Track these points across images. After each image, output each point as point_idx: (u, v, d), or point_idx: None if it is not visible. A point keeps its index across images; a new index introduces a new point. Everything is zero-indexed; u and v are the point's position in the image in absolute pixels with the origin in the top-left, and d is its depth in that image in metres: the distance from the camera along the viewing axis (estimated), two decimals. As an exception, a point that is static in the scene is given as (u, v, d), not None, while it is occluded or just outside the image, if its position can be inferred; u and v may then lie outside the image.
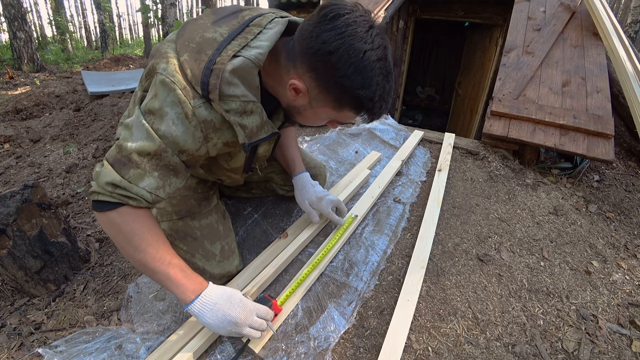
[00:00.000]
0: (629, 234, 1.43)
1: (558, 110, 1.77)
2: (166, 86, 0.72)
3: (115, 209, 0.75)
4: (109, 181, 0.72)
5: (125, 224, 0.76)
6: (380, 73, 0.74)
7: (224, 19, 0.80)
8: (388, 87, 0.78)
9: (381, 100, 0.77)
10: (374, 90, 0.75)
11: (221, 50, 0.74)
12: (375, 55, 0.72)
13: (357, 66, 0.71)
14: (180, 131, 0.74)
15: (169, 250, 0.81)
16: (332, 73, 0.73)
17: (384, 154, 1.82)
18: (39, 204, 1.16)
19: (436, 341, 0.95)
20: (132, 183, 0.73)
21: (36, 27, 16.71)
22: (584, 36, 2.20)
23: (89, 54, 10.70)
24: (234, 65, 0.73)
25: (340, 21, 0.70)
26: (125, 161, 0.73)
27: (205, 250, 1.05)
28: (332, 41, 0.70)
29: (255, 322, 0.84)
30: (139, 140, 0.73)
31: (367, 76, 0.72)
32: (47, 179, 1.99)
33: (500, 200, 1.53)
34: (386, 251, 1.22)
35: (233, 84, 0.74)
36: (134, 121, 0.75)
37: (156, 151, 0.73)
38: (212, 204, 1.14)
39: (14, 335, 1.02)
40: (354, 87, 0.73)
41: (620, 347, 0.96)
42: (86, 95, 3.74)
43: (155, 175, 0.76)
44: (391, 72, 0.78)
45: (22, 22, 6.41)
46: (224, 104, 0.74)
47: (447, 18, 3.89)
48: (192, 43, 0.75)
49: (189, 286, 0.80)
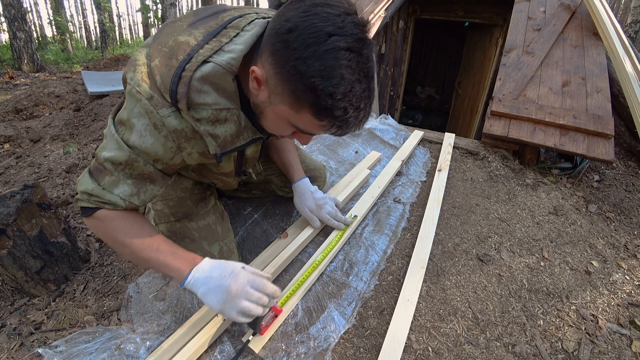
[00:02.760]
0: (629, 234, 1.43)
1: (558, 110, 1.77)
2: (133, 97, 0.70)
3: (95, 212, 0.78)
4: (82, 190, 0.76)
5: (106, 224, 0.79)
6: (349, 66, 0.61)
7: (203, 21, 0.76)
8: (359, 89, 0.63)
9: (346, 102, 0.62)
10: (336, 83, 0.60)
11: (192, 56, 0.69)
12: (345, 42, 0.60)
13: (316, 49, 0.59)
14: (150, 142, 0.73)
15: (154, 238, 0.81)
16: (288, 55, 0.61)
17: (384, 154, 1.82)
18: (39, 204, 1.16)
19: (436, 341, 0.95)
20: (106, 189, 0.76)
21: (36, 27, 16.70)
22: (584, 36, 2.20)
23: (89, 54, 10.69)
24: (203, 73, 0.69)
25: (308, 1, 0.63)
26: (101, 168, 0.76)
27: (203, 251, 1.05)
28: (295, 19, 0.61)
29: (252, 294, 0.78)
30: (112, 151, 0.74)
31: (328, 64, 0.59)
32: (47, 179, 1.99)
33: (500, 200, 1.53)
34: (386, 251, 1.22)
35: (203, 92, 0.71)
36: (108, 131, 0.76)
37: (127, 161, 0.74)
38: (209, 204, 1.13)
39: (14, 335, 1.02)
40: (309, 73, 0.60)
41: (620, 347, 0.96)
42: (86, 95, 3.74)
43: (129, 183, 0.77)
44: (368, 73, 0.64)
45: (22, 22, 6.41)
46: (195, 113, 0.71)
47: (447, 18, 3.89)
48: (165, 47, 0.71)
49: (181, 265, 0.80)
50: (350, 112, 0.64)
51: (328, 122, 0.66)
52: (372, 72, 0.66)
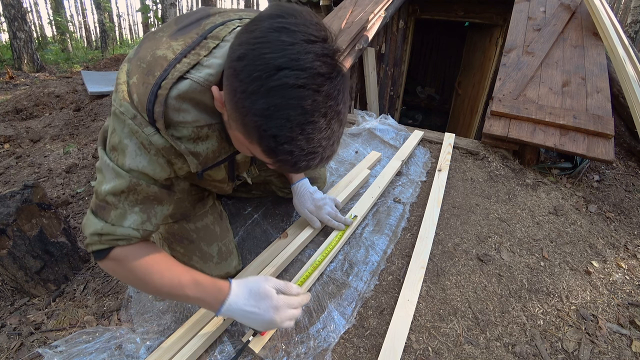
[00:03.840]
0: (629, 234, 1.43)
1: (558, 110, 1.77)
2: (118, 118, 0.68)
3: (109, 254, 0.74)
4: (92, 231, 0.72)
5: (124, 265, 0.74)
6: (299, 106, 0.52)
7: (183, 30, 0.71)
8: (311, 131, 0.54)
9: (293, 145, 0.55)
10: (280, 125, 0.53)
11: (169, 71, 0.65)
12: (296, 79, 0.51)
13: (261, 84, 0.52)
14: (146, 162, 0.70)
15: (175, 270, 0.77)
16: (236, 85, 0.56)
17: (384, 154, 1.82)
18: (39, 204, 1.16)
19: (436, 341, 0.95)
20: (116, 225, 0.71)
21: (36, 27, 16.70)
22: (584, 36, 2.20)
23: (89, 54, 10.70)
24: (179, 91, 0.66)
25: (266, 24, 0.55)
26: (103, 205, 0.72)
27: (202, 252, 1.04)
28: (245, 45, 0.55)
29: (292, 314, 0.81)
30: (110, 181, 0.70)
31: (273, 103, 0.52)
32: (47, 179, 1.99)
33: (500, 200, 1.53)
34: (386, 251, 1.22)
35: (183, 110, 0.68)
36: (102, 163, 0.73)
37: (129, 187, 0.71)
38: (207, 205, 1.11)
39: (14, 335, 1.02)
40: (252, 111, 0.54)
41: (620, 347, 0.96)
42: (86, 95, 3.74)
43: (136, 211, 0.73)
44: (327, 113, 0.55)
45: (22, 22, 6.42)
46: (175, 131, 0.69)
47: (447, 18, 3.89)
48: (143, 63, 0.67)
49: (209, 299, 0.78)
50: (298, 156, 0.57)
51: (276, 163, 0.60)
52: (333, 112, 0.56)
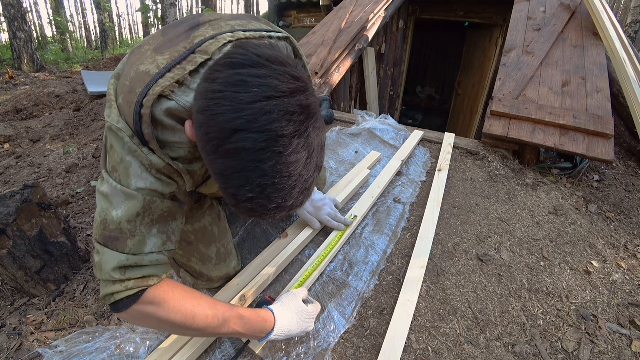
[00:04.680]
0: (629, 234, 1.43)
1: (558, 110, 1.77)
2: (115, 135, 0.63)
3: (140, 299, 0.64)
4: (114, 266, 0.62)
5: (157, 312, 0.65)
6: (257, 168, 0.49)
7: (171, 43, 0.67)
8: (272, 191, 0.52)
9: (254, 203, 0.53)
10: (239, 186, 0.51)
11: (150, 87, 0.60)
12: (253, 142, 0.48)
13: (218, 146, 0.49)
14: (153, 179, 0.65)
15: (215, 309, 0.72)
16: (198, 136, 0.53)
17: (384, 154, 1.82)
18: (39, 204, 1.16)
19: (436, 341, 0.95)
20: (138, 254, 0.64)
21: (36, 27, 16.70)
22: (584, 36, 2.20)
23: (89, 54, 10.70)
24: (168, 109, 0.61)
25: (225, 75, 0.50)
26: (117, 235, 0.63)
27: (200, 254, 1.03)
28: (204, 98, 0.51)
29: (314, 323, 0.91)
30: (121, 206, 0.63)
31: (230, 165, 0.50)
32: (47, 179, 1.99)
33: (500, 200, 1.53)
34: (386, 251, 1.22)
35: (178, 130, 0.64)
36: (108, 188, 0.65)
37: (144, 207, 0.64)
38: (205, 206, 1.10)
39: (14, 335, 1.02)
40: (212, 169, 0.53)
41: (620, 347, 0.96)
42: (86, 95, 3.74)
43: (154, 233, 0.67)
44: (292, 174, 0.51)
45: (22, 22, 6.41)
46: (170, 152, 0.65)
47: (447, 18, 3.89)
48: (127, 80, 0.63)
49: (256, 332, 0.78)
50: (263, 212, 0.54)
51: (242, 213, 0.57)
52: (301, 167, 0.52)
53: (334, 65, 2.58)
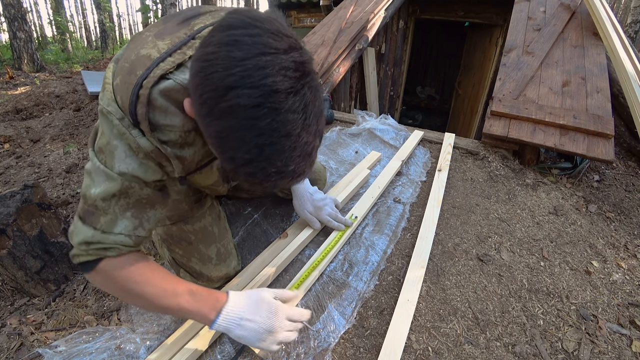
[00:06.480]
0: (629, 234, 1.43)
1: (558, 110, 1.77)
2: (105, 118, 0.65)
3: (97, 266, 0.68)
4: (80, 240, 0.67)
5: (115, 276, 0.69)
6: (253, 127, 0.49)
7: (171, 29, 0.68)
8: (271, 152, 0.51)
9: (253, 167, 0.52)
10: (235, 147, 0.51)
11: (151, 70, 0.61)
12: (247, 99, 0.47)
13: (213, 107, 0.49)
14: (136, 164, 0.67)
15: (169, 281, 0.73)
16: (194, 103, 0.54)
17: (384, 154, 1.82)
18: (39, 204, 1.16)
19: (436, 341, 0.95)
20: (106, 232, 0.67)
21: (36, 27, 16.70)
22: (584, 36, 2.20)
23: (89, 54, 10.69)
24: (164, 89, 0.62)
25: (217, 37, 0.51)
26: (92, 210, 0.67)
27: (200, 254, 1.03)
28: (198, 61, 0.52)
29: (289, 325, 0.79)
30: (100, 184, 0.66)
31: (226, 125, 0.49)
32: (47, 179, 1.99)
33: (500, 200, 1.53)
34: (386, 251, 1.22)
35: (170, 112, 0.64)
36: (91, 166, 0.68)
37: (120, 190, 0.67)
38: (205, 205, 1.09)
39: (14, 335, 1.02)
40: (207, 133, 0.53)
41: (620, 347, 0.96)
42: (86, 95, 3.74)
43: (128, 216, 0.69)
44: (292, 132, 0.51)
45: (22, 22, 6.41)
46: (161, 135, 0.66)
47: (447, 18, 3.89)
48: (126, 63, 0.64)
49: (206, 309, 0.74)
50: (262, 177, 0.53)
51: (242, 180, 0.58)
52: (299, 128, 0.51)
53: (334, 65, 2.58)
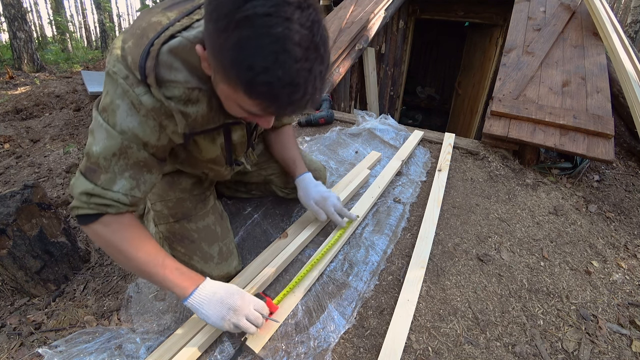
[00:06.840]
0: (629, 234, 1.43)
1: (558, 110, 1.77)
2: (110, 78, 0.70)
3: (97, 220, 0.74)
4: (82, 191, 0.72)
5: (111, 233, 0.75)
6: (269, 34, 0.52)
7: (178, 5, 0.74)
8: (288, 60, 0.54)
9: (270, 75, 0.54)
10: (253, 54, 0.53)
11: (162, 32, 0.68)
12: (264, 7, 0.51)
13: (231, 18, 0.53)
14: (136, 122, 0.71)
15: (160, 252, 0.80)
16: (211, 28, 0.57)
17: (384, 154, 1.82)
18: (39, 204, 1.16)
19: (436, 341, 0.95)
20: (106, 189, 0.72)
21: (36, 27, 16.69)
22: (584, 36, 2.20)
23: (89, 54, 10.68)
24: (170, 46, 0.68)
25: None
26: (94, 168, 0.72)
27: (202, 252, 1.04)
28: None
29: (252, 314, 0.83)
30: (102, 142, 0.71)
31: (244, 35, 0.52)
32: (47, 179, 1.99)
33: (500, 200, 1.53)
34: (386, 251, 1.22)
35: (174, 68, 0.69)
36: (94, 124, 0.73)
37: (120, 149, 0.72)
38: (208, 205, 1.12)
39: (14, 335, 1.02)
40: (227, 46, 0.55)
41: (620, 347, 0.96)
42: (86, 95, 3.74)
43: (126, 176, 0.74)
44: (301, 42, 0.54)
45: (22, 22, 6.41)
46: (166, 90, 0.70)
47: (447, 18, 3.90)
48: (138, 29, 0.70)
49: (186, 282, 0.80)
50: (278, 89, 0.56)
51: (258, 100, 0.59)
52: (308, 42, 0.55)
53: (334, 65, 2.58)
